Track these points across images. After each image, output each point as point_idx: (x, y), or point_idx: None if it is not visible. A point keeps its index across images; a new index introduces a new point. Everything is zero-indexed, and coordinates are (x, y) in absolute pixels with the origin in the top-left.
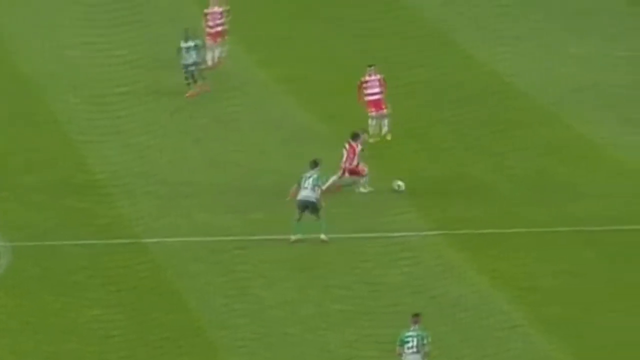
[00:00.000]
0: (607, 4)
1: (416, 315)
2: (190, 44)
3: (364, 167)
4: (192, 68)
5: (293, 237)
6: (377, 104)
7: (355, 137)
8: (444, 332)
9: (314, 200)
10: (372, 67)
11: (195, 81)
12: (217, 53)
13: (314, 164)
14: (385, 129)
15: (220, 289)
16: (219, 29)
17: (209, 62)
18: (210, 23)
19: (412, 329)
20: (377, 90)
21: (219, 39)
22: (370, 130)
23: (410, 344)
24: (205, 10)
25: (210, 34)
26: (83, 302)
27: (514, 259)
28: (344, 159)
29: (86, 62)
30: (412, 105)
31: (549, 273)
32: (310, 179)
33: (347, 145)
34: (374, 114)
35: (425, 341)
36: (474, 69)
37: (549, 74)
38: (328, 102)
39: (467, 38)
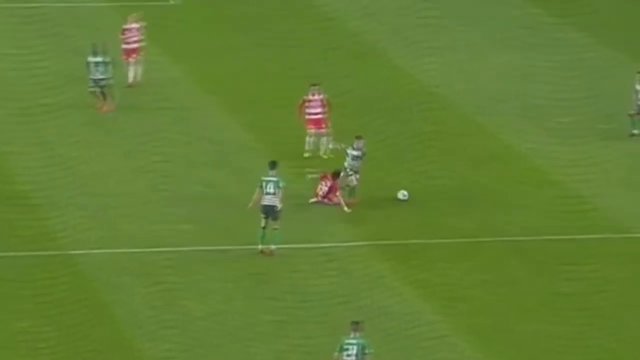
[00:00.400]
0: (527, 16)
1: (356, 322)
2: (99, 59)
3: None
4: (103, 83)
5: (260, 247)
6: (317, 123)
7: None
8: (371, 342)
9: (276, 205)
10: (316, 87)
11: (104, 97)
12: (134, 71)
13: (273, 165)
14: (323, 147)
15: (148, 301)
16: (135, 45)
17: (130, 80)
18: (127, 39)
19: (352, 336)
20: (319, 110)
21: (134, 56)
22: (306, 146)
23: (349, 352)
24: (124, 26)
25: (126, 50)
26: (11, 314)
27: (440, 269)
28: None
29: (10, 73)
30: (338, 115)
31: (475, 283)
32: (272, 183)
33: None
34: (312, 131)
35: (366, 350)
36: (399, 79)
37: (473, 84)
38: (253, 113)
39: (392, 49)
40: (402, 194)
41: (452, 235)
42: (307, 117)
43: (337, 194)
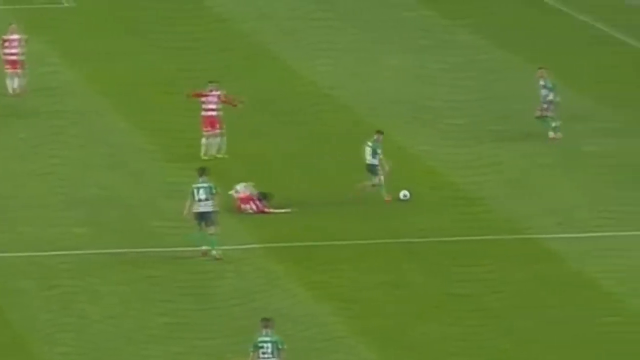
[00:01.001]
0: (420, 18)
1: (266, 319)
2: None
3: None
4: None
5: (203, 248)
6: (212, 123)
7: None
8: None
9: (211, 210)
10: (214, 84)
11: None
12: (17, 82)
13: (202, 171)
14: (215, 147)
15: (45, 304)
16: (16, 57)
17: (9, 90)
18: (7, 50)
19: (264, 333)
20: (213, 106)
21: (18, 67)
22: (203, 149)
23: (264, 349)
24: (4, 37)
25: (8, 62)
26: None
27: (335, 271)
28: None
29: None
30: (232, 116)
31: (370, 285)
32: (202, 189)
33: None
34: (208, 132)
35: (280, 346)
36: (293, 81)
37: (366, 86)
38: (148, 115)
39: (285, 51)
40: (402, 194)
41: (348, 238)
42: (202, 115)
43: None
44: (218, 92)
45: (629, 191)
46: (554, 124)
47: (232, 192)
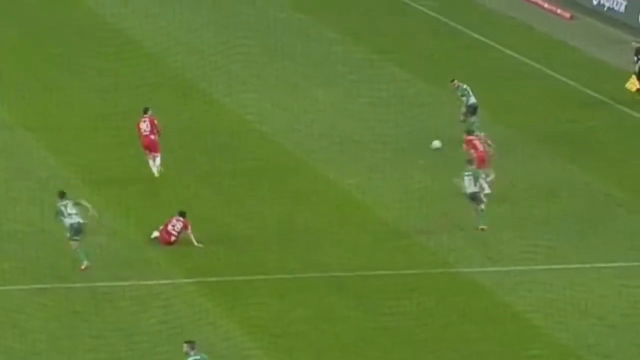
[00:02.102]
0: (348, 53)
1: (190, 341)
2: None
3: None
4: None
5: (83, 265)
6: (151, 145)
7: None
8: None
9: (81, 222)
10: (147, 114)
11: None
12: None
13: (62, 194)
14: (155, 168)
15: None
16: None
17: None
18: None
19: (192, 354)
20: (148, 129)
21: None
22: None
23: None
24: None
25: None
26: None
27: (264, 306)
28: None
29: None
30: (163, 151)
31: (298, 319)
32: (69, 205)
33: None
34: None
35: None
36: (222, 115)
37: (296, 120)
38: (75, 150)
39: (213, 85)
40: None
41: (275, 272)
42: (142, 137)
43: (189, 231)
44: (150, 116)
45: (554, 226)
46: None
47: (155, 235)
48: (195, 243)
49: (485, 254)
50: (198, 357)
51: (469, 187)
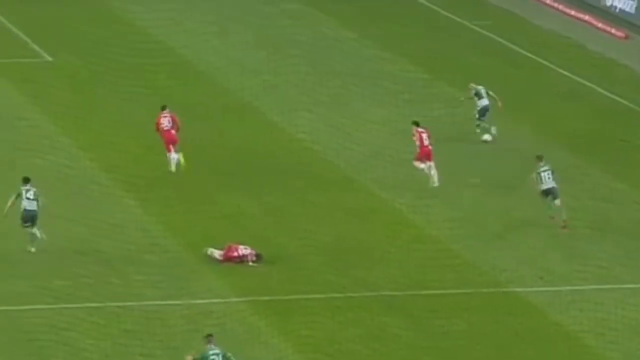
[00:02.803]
0: (400, 72)
1: (209, 335)
2: None
3: None
4: None
5: (32, 249)
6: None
7: None
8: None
9: (36, 210)
10: (165, 110)
11: None
12: None
13: (27, 179)
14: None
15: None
16: None
17: None
18: None
19: (211, 347)
20: (169, 125)
21: None
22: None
23: None
24: None
25: None
26: None
27: (316, 324)
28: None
29: None
30: (212, 172)
31: (350, 338)
32: (31, 192)
33: None
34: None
35: (228, 356)
36: (274, 134)
37: (348, 139)
38: (127, 167)
39: (266, 104)
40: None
41: (328, 291)
42: (163, 132)
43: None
44: (170, 114)
45: (605, 245)
46: (492, 129)
47: (213, 253)
48: (250, 263)
49: (535, 273)
50: (217, 351)
51: (549, 183)
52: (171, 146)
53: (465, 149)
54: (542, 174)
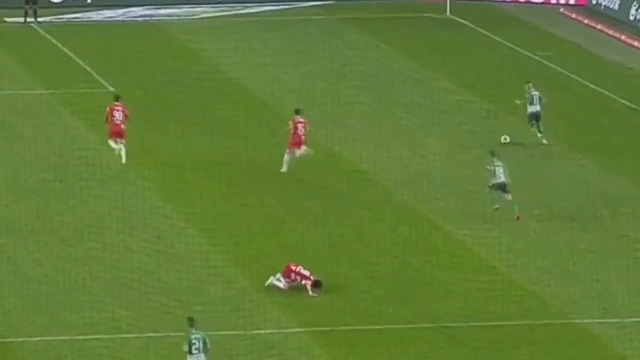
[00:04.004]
0: (462, 104)
1: (191, 319)
2: None
3: None
4: None
5: None
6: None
7: None
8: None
9: None
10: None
11: None
12: None
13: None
14: None
15: None
16: None
17: None
18: None
19: (193, 331)
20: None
21: None
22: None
23: (197, 345)
24: None
25: None
26: None
27: (378, 356)
28: None
29: None
30: (272, 202)
31: None
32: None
33: None
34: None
35: (207, 340)
36: (336, 164)
37: (410, 170)
38: (190, 197)
39: (329, 134)
40: (503, 138)
41: (389, 322)
42: (112, 125)
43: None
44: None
45: None
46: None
47: (273, 281)
48: (310, 292)
49: (599, 305)
50: (199, 335)
51: (502, 177)
52: (117, 138)
53: (528, 180)
54: (496, 169)
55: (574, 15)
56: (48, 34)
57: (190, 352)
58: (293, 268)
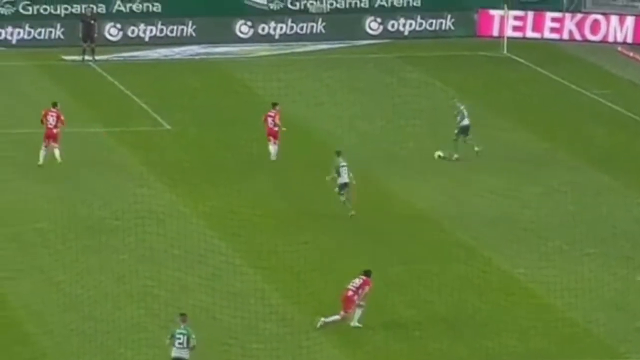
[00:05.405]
0: (519, 141)
1: (183, 314)
2: None
3: None
4: None
5: None
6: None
7: None
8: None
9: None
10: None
11: None
12: None
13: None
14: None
15: None
16: None
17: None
18: None
19: (182, 327)
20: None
21: None
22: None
23: (180, 340)
24: None
25: None
26: None
27: None
28: None
29: (7, 197)
30: (327, 240)
31: None
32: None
33: None
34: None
35: (192, 337)
36: (392, 202)
37: (467, 208)
38: (247, 234)
39: (386, 172)
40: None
41: (443, 359)
42: (47, 129)
43: (366, 290)
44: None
45: None
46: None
47: (325, 321)
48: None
49: None
50: (184, 331)
51: (346, 178)
52: (50, 141)
53: (584, 218)
54: (341, 169)
55: (631, 54)
56: (105, 72)
57: (173, 345)
58: (350, 294)
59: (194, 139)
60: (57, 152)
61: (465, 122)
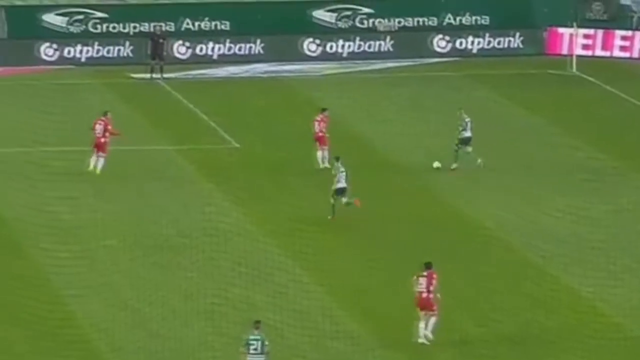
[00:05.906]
0: (588, 160)
1: (257, 321)
2: None
3: None
4: None
5: None
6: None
7: None
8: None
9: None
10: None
11: None
12: None
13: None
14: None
15: None
16: None
17: None
18: None
19: (256, 333)
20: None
21: None
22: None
23: (254, 346)
24: None
25: None
26: None
27: None
28: None
29: (71, 216)
30: (394, 258)
31: None
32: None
33: None
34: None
35: (266, 343)
36: (462, 221)
37: (535, 227)
38: (314, 255)
39: (455, 192)
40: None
41: None
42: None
43: (434, 284)
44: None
45: None
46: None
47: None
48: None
49: None
50: (258, 337)
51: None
52: (96, 150)
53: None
54: (340, 175)
55: None
56: (174, 89)
57: (248, 352)
58: (425, 296)
59: (261, 156)
60: (100, 163)
61: (467, 133)
